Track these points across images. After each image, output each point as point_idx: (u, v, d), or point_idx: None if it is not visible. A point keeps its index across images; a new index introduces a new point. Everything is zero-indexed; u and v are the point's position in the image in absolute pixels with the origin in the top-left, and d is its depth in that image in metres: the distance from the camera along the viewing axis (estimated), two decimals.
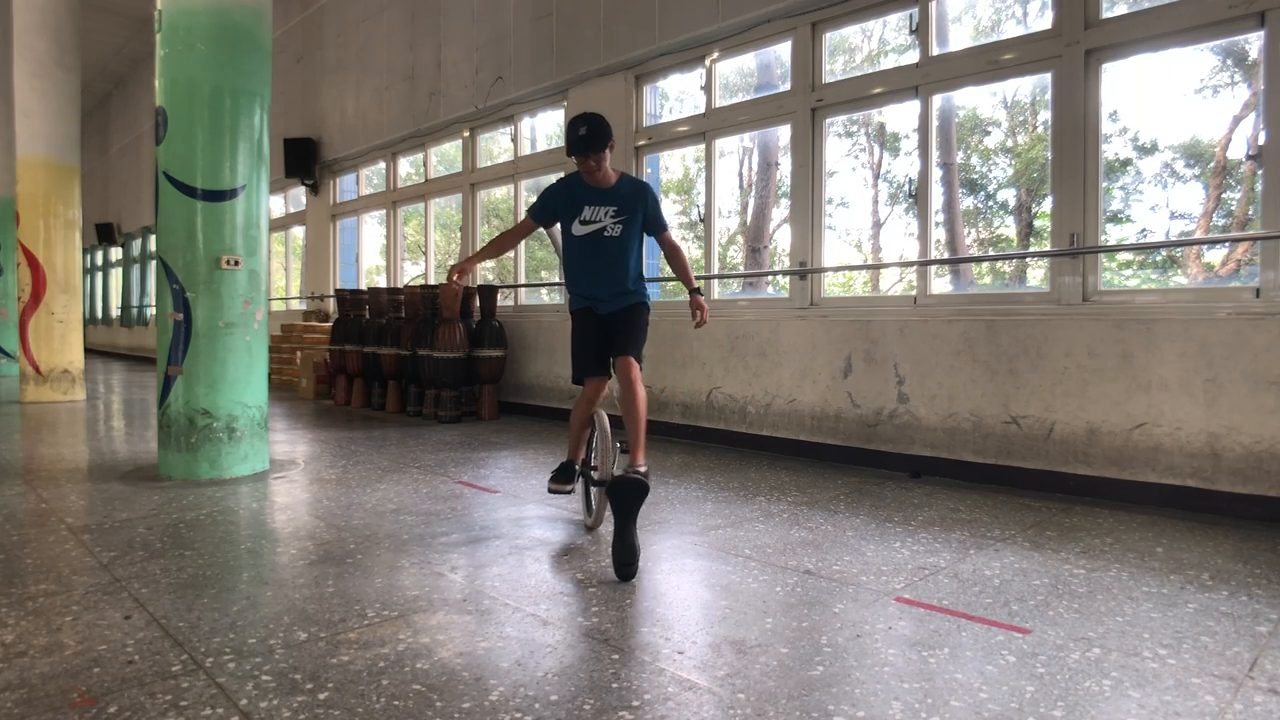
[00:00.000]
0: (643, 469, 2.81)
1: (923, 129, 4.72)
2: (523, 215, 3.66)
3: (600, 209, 3.18)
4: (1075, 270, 4.05)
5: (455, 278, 3.18)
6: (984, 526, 3.36)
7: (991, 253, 9.36)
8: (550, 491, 3.27)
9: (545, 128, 8.06)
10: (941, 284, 5.39)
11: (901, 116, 10.00)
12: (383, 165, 9.56)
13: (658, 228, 3.32)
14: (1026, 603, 2.43)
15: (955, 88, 4.66)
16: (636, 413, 2.94)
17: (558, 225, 3.23)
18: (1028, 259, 8.29)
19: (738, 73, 7.90)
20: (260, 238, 4.43)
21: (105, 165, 19.36)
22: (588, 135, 3.04)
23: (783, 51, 5.68)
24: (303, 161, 10.40)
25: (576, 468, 3.32)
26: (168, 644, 2.07)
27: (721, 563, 2.85)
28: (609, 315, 3.22)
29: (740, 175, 10.82)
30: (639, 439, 2.92)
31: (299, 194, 11.36)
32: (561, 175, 3.58)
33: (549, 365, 6.94)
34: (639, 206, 3.21)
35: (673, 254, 3.35)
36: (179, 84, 4.20)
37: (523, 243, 7.96)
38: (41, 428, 6.25)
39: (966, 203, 9.44)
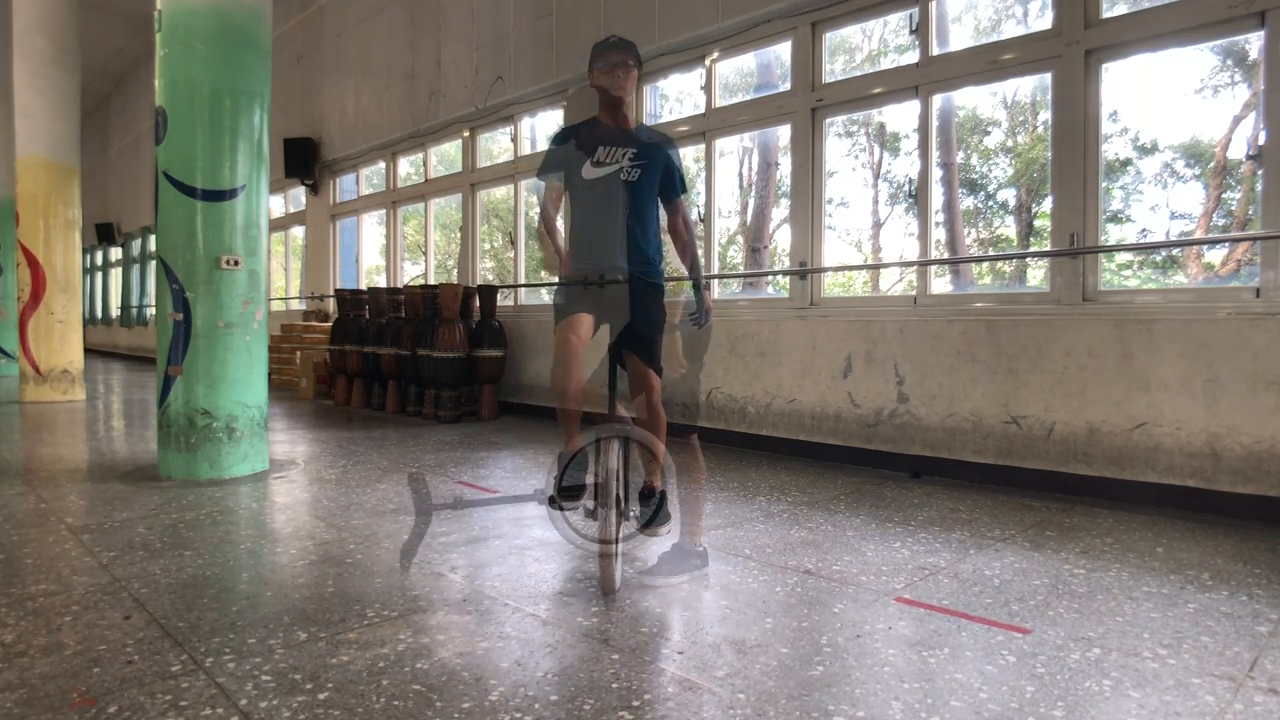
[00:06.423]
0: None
1: (923, 129, 4.72)
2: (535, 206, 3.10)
3: (617, 149, 2.69)
4: (1075, 270, 4.05)
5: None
6: (984, 526, 3.36)
7: (991, 253, 9.36)
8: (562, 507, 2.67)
9: (545, 128, 8.05)
10: (941, 284, 5.39)
11: (901, 116, 9.99)
12: (382, 165, 9.56)
13: (675, 189, 2.81)
14: (1026, 603, 2.43)
15: (955, 88, 4.66)
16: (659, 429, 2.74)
17: (563, 247, 2.83)
18: (1028, 259, 8.29)
19: (738, 73, 7.90)
20: (260, 238, 4.43)
21: (105, 165, 19.35)
22: (619, 42, 2.69)
23: (783, 51, 5.67)
24: (303, 161, 10.40)
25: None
26: (168, 644, 2.07)
27: (721, 563, 2.85)
28: (612, 291, 2.64)
29: (740, 175, 10.82)
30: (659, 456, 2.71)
31: (299, 194, 11.36)
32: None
33: (549, 365, 6.93)
34: (660, 157, 2.73)
35: (684, 228, 2.85)
36: (179, 84, 4.20)
37: (521, 243, 8.00)
38: (41, 428, 6.24)
39: (966, 203, 9.43)
